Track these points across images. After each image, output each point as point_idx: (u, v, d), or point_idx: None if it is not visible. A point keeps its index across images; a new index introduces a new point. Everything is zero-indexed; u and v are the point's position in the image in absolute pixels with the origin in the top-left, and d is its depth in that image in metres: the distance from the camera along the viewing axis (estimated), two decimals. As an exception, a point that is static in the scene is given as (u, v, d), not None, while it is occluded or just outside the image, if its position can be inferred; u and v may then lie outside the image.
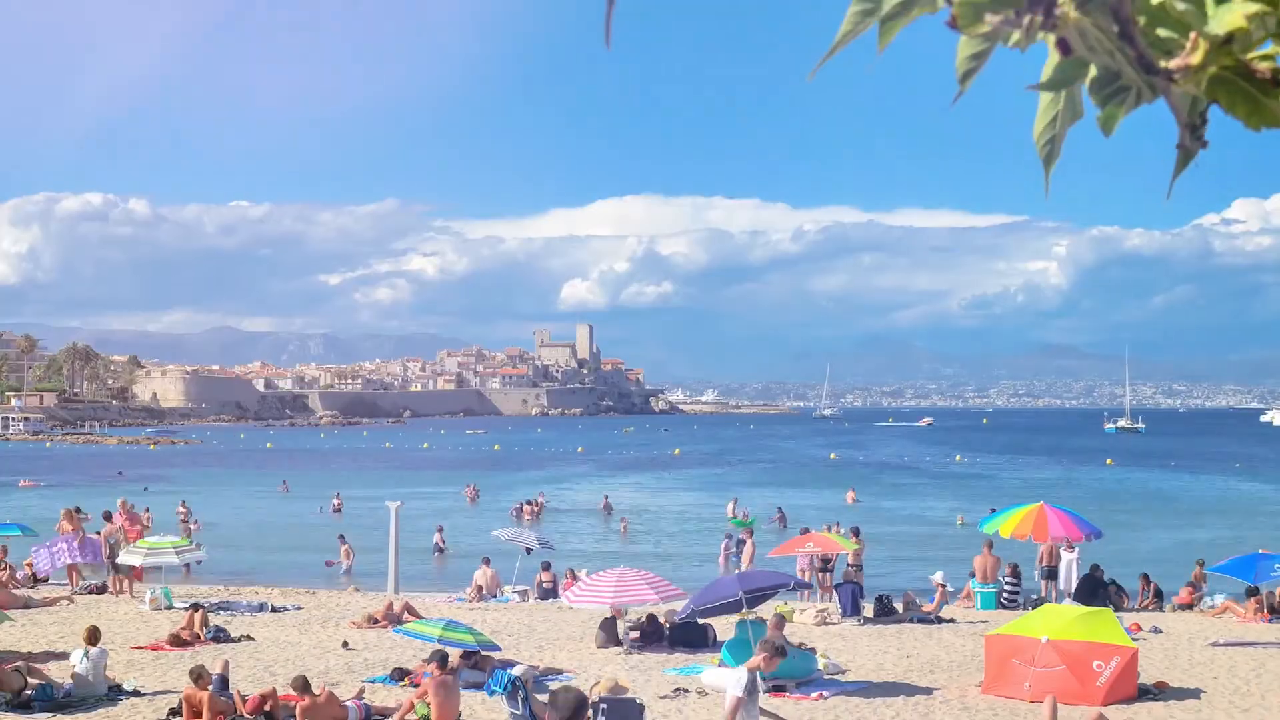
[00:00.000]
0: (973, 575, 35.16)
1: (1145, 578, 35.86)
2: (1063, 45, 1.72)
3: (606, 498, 72.00)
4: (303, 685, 19.16)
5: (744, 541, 40.55)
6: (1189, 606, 33.83)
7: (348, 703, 19.69)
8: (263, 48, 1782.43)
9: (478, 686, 21.35)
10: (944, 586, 32.42)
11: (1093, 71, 1.75)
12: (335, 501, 70.11)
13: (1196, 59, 1.65)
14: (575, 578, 37.56)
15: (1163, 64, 1.68)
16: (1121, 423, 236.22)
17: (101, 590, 36.33)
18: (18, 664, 21.78)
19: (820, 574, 36.39)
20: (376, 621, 29.28)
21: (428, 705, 18.91)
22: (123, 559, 35.24)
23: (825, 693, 21.57)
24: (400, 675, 22.69)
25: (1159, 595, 35.10)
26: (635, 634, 26.51)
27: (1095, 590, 32.74)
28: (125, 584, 36.05)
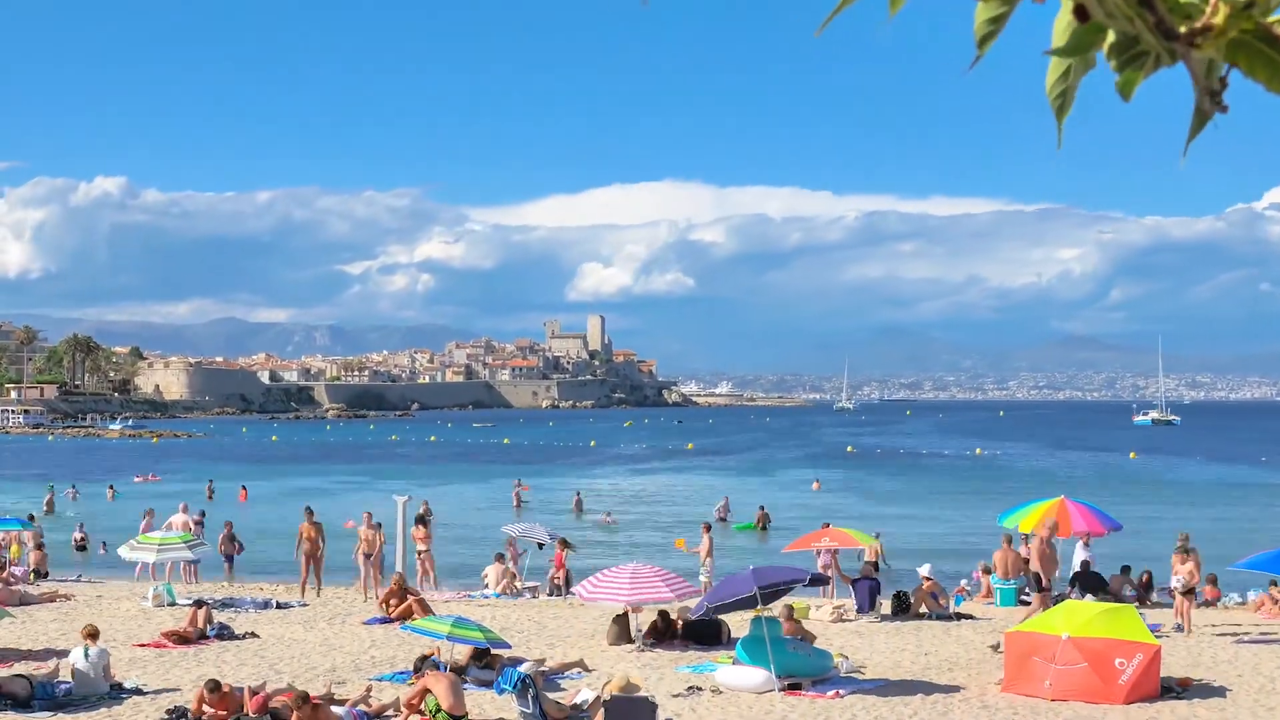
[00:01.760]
0: (990, 571, 35.09)
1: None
2: (1080, 12, 1.71)
3: (578, 494, 70.16)
4: (302, 699, 18.95)
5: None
6: (1211, 603, 33.79)
7: (343, 709, 19.56)
8: (276, 37, 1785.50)
9: (487, 685, 21.38)
10: (930, 580, 32.18)
11: (1110, 37, 1.74)
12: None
13: (1217, 23, 1.63)
14: (568, 545, 37.87)
15: (1182, 29, 1.66)
16: (1153, 415, 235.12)
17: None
18: (18, 668, 21.85)
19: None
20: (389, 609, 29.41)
21: (437, 701, 18.91)
22: (132, 555, 35.35)
23: (842, 691, 21.56)
24: (419, 664, 22.71)
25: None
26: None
27: (1095, 585, 32.76)
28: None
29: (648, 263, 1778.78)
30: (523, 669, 19.65)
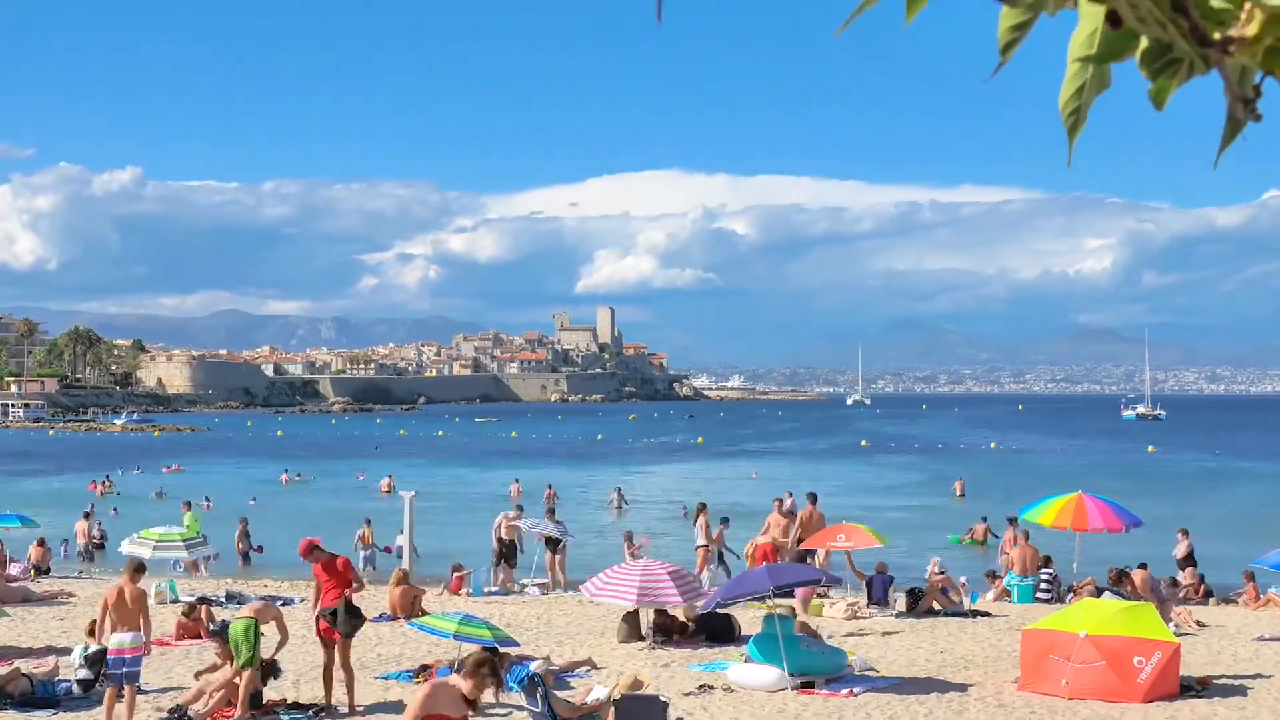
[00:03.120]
0: (1009, 567, 35.07)
1: (1200, 576, 35.85)
2: (1112, 18, 1.70)
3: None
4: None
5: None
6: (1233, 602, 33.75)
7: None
8: (291, 26, 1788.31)
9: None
10: (943, 574, 32.20)
11: (1143, 43, 1.73)
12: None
13: (1252, 30, 1.63)
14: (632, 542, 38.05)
15: (1217, 35, 1.65)
16: (1141, 409, 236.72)
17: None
18: (17, 664, 21.87)
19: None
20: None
21: None
22: (130, 550, 35.38)
23: (855, 689, 21.54)
24: (420, 671, 22.68)
25: (1209, 593, 35.01)
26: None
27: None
28: None
29: (662, 254, 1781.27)
30: (534, 667, 19.65)
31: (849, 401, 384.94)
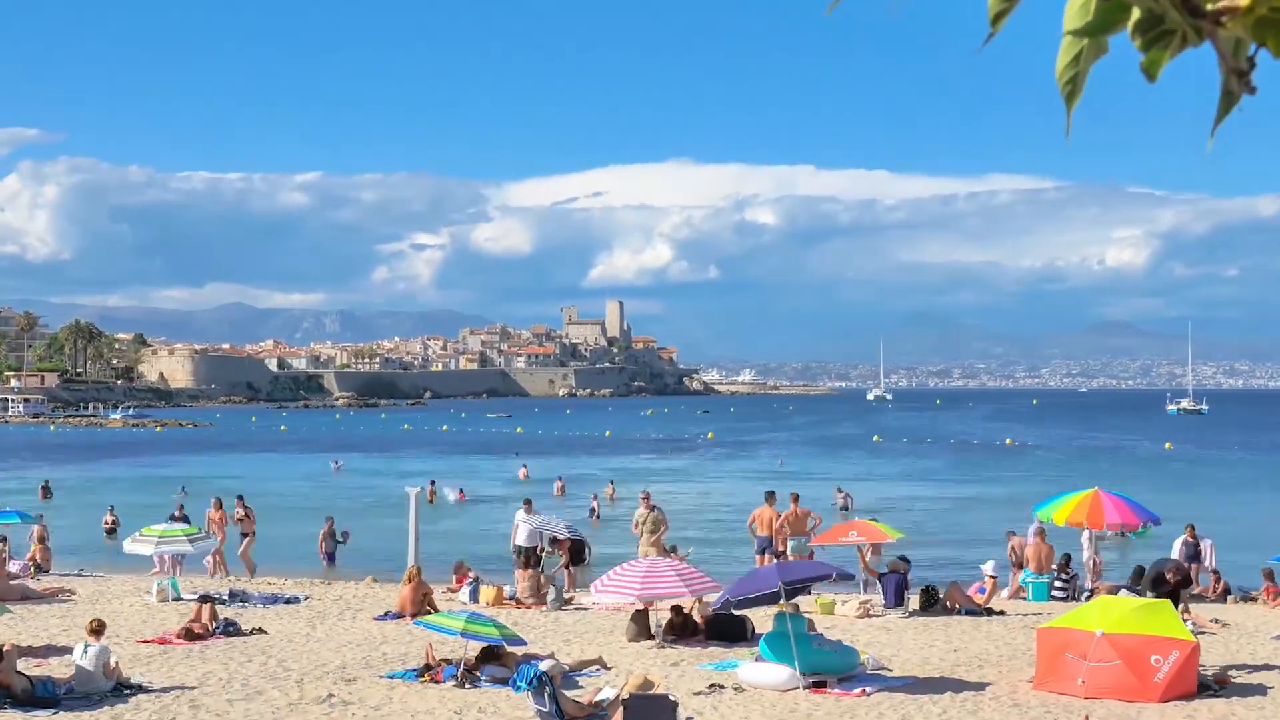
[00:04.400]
0: (1024, 564, 35.04)
1: (1216, 574, 35.83)
2: (1105, -12, 1.69)
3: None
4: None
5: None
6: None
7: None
8: (304, 17, 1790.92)
9: (502, 682, 21.40)
10: (994, 577, 32.31)
11: (1135, 14, 1.73)
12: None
13: (1244, 0, 1.62)
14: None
15: (1209, 6, 1.65)
16: (1185, 404, 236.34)
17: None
18: (18, 664, 21.89)
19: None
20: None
21: None
22: (132, 548, 35.43)
23: (868, 688, 21.53)
24: (425, 670, 22.68)
25: (1227, 591, 34.97)
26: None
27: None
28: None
29: (679, 245, 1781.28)
30: (543, 667, 19.66)
31: (870, 396, 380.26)
